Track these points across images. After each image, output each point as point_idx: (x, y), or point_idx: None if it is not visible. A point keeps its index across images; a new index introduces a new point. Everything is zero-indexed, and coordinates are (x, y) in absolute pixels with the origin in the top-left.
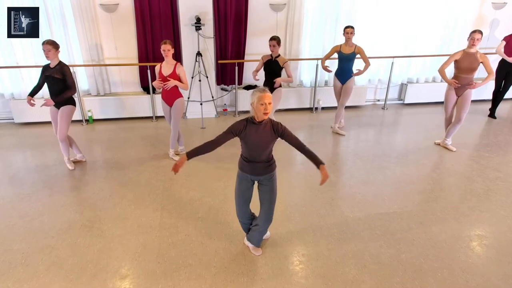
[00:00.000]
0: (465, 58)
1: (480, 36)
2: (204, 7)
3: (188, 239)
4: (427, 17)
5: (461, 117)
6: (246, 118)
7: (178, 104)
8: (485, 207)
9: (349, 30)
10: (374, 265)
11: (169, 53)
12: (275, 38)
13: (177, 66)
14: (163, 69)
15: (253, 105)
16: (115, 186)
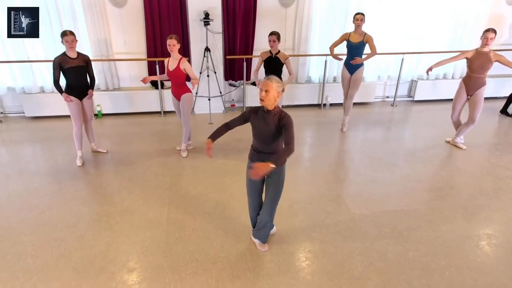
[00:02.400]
0: (478, 57)
1: (494, 35)
2: (213, 2)
3: (194, 234)
4: (438, 13)
5: (475, 117)
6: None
7: (185, 99)
8: (495, 206)
9: (359, 16)
10: (381, 263)
11: (175, 48)
12: (275, 33)
13: (181, 61)
14: (170, 64)
15: None
16: (123, 181)
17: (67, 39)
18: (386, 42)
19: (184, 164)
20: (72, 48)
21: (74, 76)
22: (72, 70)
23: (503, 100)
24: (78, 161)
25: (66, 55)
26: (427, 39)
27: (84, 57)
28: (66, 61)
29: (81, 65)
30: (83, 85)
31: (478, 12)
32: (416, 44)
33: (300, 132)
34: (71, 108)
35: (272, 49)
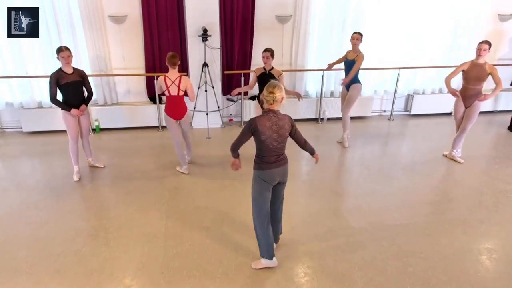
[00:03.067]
0: (473, 69)
1: (487, 47)
2: (211, 18)
3: (192, 249)
4: (433, 28)
5: (466, 128)
6: None
7: (187, 116)
8: (495, 220)
9: (355, 35)
10: (381, 278)
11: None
12: (269, 50)
13: (182, 79)
14: (171, 86)
15: None
16: (121, 195)
17: (63, 55)
18: (382, 57)
19: (182, 178)
20: (68, 64)
21: (71, 92)
22: (69, 86)
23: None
24: (74, 176)
25: (62, 70)
26: (423, 54)
27: (80, 72)
28: (62, 77)
29: (78, 80)
30: (80, 100)
31: (474, 28)
32: (412, 59)
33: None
34: (68, 123)
35: (266, 65)
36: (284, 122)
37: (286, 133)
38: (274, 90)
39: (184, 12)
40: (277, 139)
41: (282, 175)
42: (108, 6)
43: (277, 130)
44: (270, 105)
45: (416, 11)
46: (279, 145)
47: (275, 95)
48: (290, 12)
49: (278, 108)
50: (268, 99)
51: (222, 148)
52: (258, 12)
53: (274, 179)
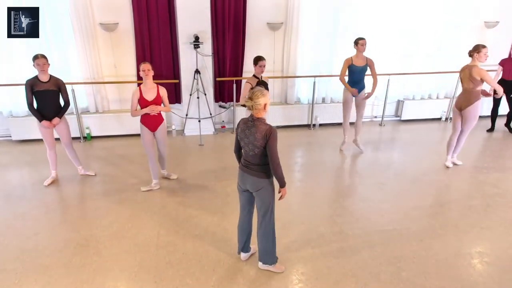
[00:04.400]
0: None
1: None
2: (203, 25)
3: (185, 257)
4: (422, 35)
5: (464, 131)
6: None
7: (163, 128)
8: (485, 224)
9: (363, 41)
10: (375, 284)
11: (150, 73)
12: (264, 58)
13: (160, 89)
14: (145, 94)
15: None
16: (112, 204)
17: (39, 62)
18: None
19: (174, 186)
20: (43, 71)
21: (44, 100)
22: (42, 94)
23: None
24: (47, 180)
25: (37, 78)
26: (413, 60)
27: (57, 81)
28: (37, 84)
29: (52, 90)
30: (55, 109)
31: (461, 35)
32: (402, 65)
33: (291, 153)
34: (42, 132)
35: (260, 74)
36: (258, 130)
37: (256, 142)
38: (252, 97)
39: (176, 19)
40: (248, 145)
41: (243, 181)
42: (99, 14)
43: (248, 136)
44: (252, 111)
45: (406, 19)
46: (250, 151)
47: (254, 101)
48: (281, 19)
49: (261, 115)
50: (247, 105)
51: (215, 155)
52: (249, 20)
53: (241, 181)
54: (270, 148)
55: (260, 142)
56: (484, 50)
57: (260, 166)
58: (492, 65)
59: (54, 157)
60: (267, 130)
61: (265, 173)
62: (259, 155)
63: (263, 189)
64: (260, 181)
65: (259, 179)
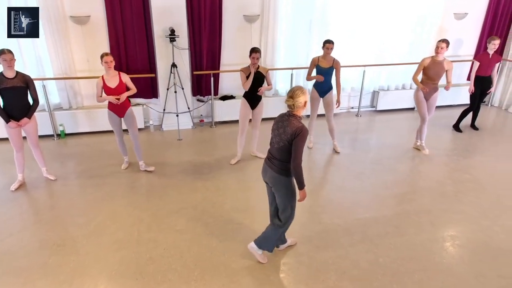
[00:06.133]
0: (433, 66)
1: (445, 46)
2: (178, 18)
3: (167, 253)
4: (396, 27)
5: (429, 117)
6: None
7: (131, 112)
8: (456, 209)
9: (330, 45)
10: (354, 271)
11: (112, 64)
12: (259, 50)
13: (121, 75)
14: (108, 82)
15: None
16: (90, 202)
17: (5, 57)
18: (348, 55)
19: (153, 181)
20: (10, 67)
21: (11, 98)
22: (9, 91)
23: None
24: (14, 184)
25: (2, 74)
26: (387, 51)
27: (24, 77)
28: (2, 81)
29: (19, 86)
30: (22, 107)
31: (432, 26)
32: (376, 57)
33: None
34: (8, 132)
35: (255, 65)
36: (290, 125)
37: (284, 136)
38: (293, 96)
39: (150, 12)
40: (276, 137)
41: (264, 172)
42: (69, 6)
43: (279, 128)
44: (291, 110)
45: (379, 12)
46: (275, 144)
47: (295, 100)
48: (258, 12)
49: (300, 113)
50: (288, 103)
51: (194, 150)
52: (225, 12)
53: (263, 172)
54: (296, 146)
55: (288, 136)
56: (437, 44)
57: (281, 162)
58: (463, 55)
59: (21, 160)
60: (298, 128)
61: (284, 170)
62: (284, 150)
63: (280, 187)
64: (279, 178)
65: (278, 175)
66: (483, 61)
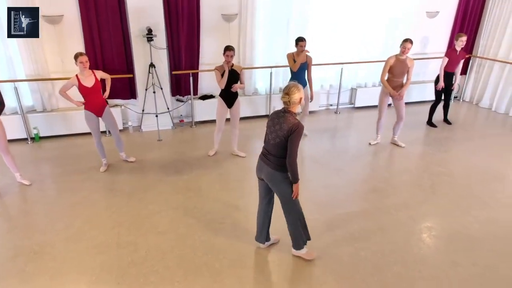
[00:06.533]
0: (398, 64)
1: (410, 46)
2: (155, 18)
3: (148, 255)
4: (371, 26)
5: (403, 115)
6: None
7: (109, 111)
8: (432, 201)
9: (303, 43)
10: (336, 265)
11: (88, 64)
12: (233, 48)
13: (96, 73)
14: (84, 82)
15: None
16: (67, 206)
17: None
18: (327, 53)
19: (133, 183)
20: None
21: None
22: None
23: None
24: (24, 181)
25: None
26: (363, 49)
27: None
28: None
29: None
30: None
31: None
32: (354, 54)
33: (251, 144)
34: None
35: (229, 64)
36: (286, 121)
37: (280, 132)
38: (289, 92)
39: (126, 10)
40: (272, 133)
41: (259, 169)
42: (41, 5)
43: (276, 124)
44: (287, 106)
45: (355, 11)
46: (271, 140)
47: (291, 96)
48: (236, 10)
49: (295, 110)
50: (284, 100)
51: (174, 150)
52: (203, 11)
53: (258, 169)
54: (291, 142)
55: (284, 132)
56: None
57: (277, 158)
58: (434, 53)
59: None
60: (294, 124)
61: (280, 166)
62: (280, 146)
63: (277, 182)
64: (275, 173)
65: (274, 171)
66: (451, 57)
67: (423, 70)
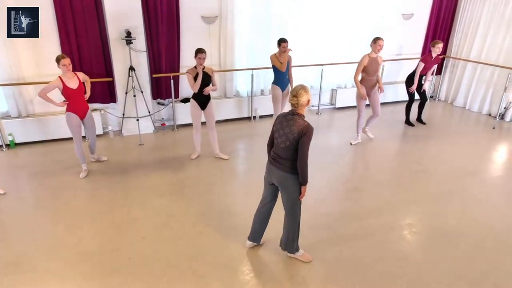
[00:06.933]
0: (372, 63)
1: (383, 43)
2: (134, 20)
3: (132, 262)
4: (350, 28)
5: (379, 112)
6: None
7: (90, 113)
8: (412, 198)
9: (286, 44)
10: (320, 265)
11: (71, 66)
12: (205, 51)
13: (78, 75)
14: (68, 83)
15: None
16: (46, 215)
17: None
18: (306, 54)
19: (115, 189)
20: None
21: None
22: None
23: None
24: None
25: None
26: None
27: None
28: None
29: None
30: None
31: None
32: (333, 56)
33: (234, 145)
34: None
35: (201, 66)
36: (295, 124)
37: (290, 135)
38: (297, 95)
39: (104, 14)
40: (281, 137)
41: (269, 173)
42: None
43: (284, 128)
44: (295, 108)
45: (334, 13)
46: (281, 144)
47: (299, 99)
48: (216, 13)
49: (303, 112)
50: (292, 102)
51: (156, 154)
52: (183, 14)
53: (268, 173)
54: (302, 145)
55: (294, 135)
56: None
57: (288, 161)
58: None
59: None
60: (304, 127)
61: (292, 168)
62: (290, 149)
63: (289, 185)
64: (287, 176)
65: (286, 174)
66: (427, 62)
67: (398, 71)
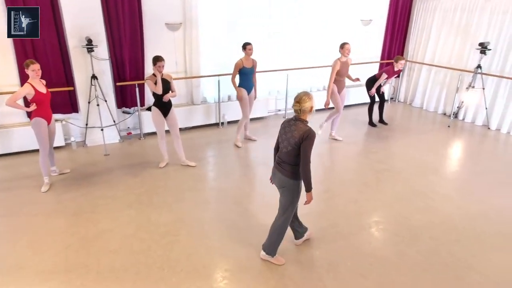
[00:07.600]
0: (344, 66)
1: (350, 47)
2: (95, 27)
3: (100, 277)
4: (312, 33)
5: (340, 108)
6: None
7: (54, 119)
8: (378, 196)
9: (251, 47)
10: (294, 268)
11: (40, 72)
12: (163, 58)
13: (42, 82)
14: (39, 88)
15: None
16: (5, 232)
17: None
18: (271, 60)
19: (80, 202)
20: None
21: None
22: None
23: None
24: None
25: None
26: (308, 55)
27: None
28: None
29: None
30: None
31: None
32: (299, 60)
33: (203, 152)
34: None
35: (159, 73)
36: (297, 129)
37: (292, 140)
38: (300, 101)
39: (62, 21)
40: (284, 141)
41: (273, 176)
42: None
43: (287, 133)
44: (298, 114)
45: (296, 19)
46: (284, 148)
47: (302, 105)
48: (180, 20)
49: (306, 117)
50: (295, 108)
51: (123, 164)
52: (146, 21)
53: (272, 177)
54: (304, 149)
55: (296, 140)
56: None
57: (290, 165)
58: (368, 57)
59: None
60: (306, 131)
61: (293, 173)
62: (292, 153)
63: (287, 188)
64: (286, 180)
65: (286, 178)
66: (389, 74)
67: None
